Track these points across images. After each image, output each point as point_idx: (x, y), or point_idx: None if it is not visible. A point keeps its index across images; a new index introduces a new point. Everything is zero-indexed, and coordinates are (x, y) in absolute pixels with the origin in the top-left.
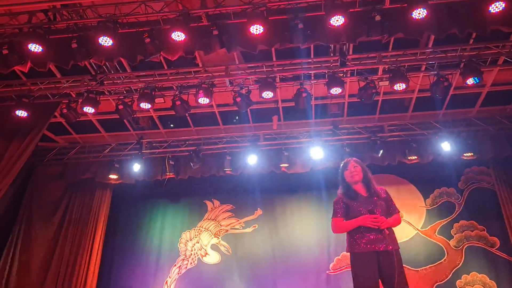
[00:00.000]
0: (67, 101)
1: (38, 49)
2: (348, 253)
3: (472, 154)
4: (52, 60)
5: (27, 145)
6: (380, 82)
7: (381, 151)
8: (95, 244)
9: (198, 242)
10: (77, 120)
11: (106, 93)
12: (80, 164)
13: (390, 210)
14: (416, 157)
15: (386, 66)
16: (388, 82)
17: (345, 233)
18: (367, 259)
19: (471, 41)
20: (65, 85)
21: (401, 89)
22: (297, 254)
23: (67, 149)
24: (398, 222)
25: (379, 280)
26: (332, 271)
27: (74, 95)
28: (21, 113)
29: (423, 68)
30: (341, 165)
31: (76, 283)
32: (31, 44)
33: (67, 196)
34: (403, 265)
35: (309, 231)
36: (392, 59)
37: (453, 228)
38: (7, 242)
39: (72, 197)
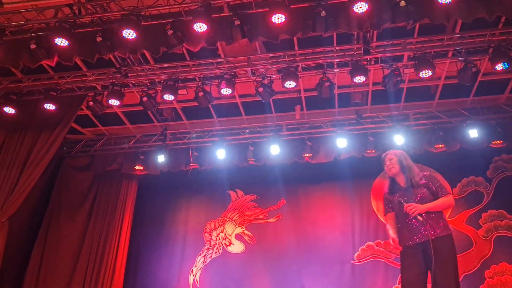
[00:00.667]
0: (93, 94)
1: (64, 43)
2: (373, 243)
3: (501, 142)
4: (78, 54)
5: (56, 137)
6: (405, 70)
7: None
8: (123, 234)
9: (222, 232)
10: (103, 113)
11: (130, 85)
12: (107, 156)
13: (438, 194)
14: (442, 146)
15: (412, 53)
16: (413, 69)
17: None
18: (406, 251)
19: (500, 25)
20: (90, 78)
21: (427, 76)
22: (321, 244)
23: (94, 141)
24: (444, 204)
25: (426, 272)
26: (357, 261)
27: (99, 88)
28: (49, 106)
29: (450, 54)
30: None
31: (104, 272)
32: (57, 38)
33: (95, 187)
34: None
35: (333, 221)
36: (417, 46)
37: (481, 217)
38: (38, 232)
39: (99, 188)
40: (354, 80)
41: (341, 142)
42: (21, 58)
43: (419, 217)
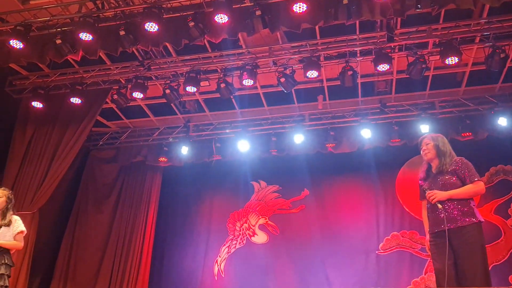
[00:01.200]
0: (117, 87)
1: (88, 38)
2: (398, 233)
3: None
4: (101, 48)
5: (82, 130)
6: (430, 57)
7: None
8: (148, 225)
9: (246, 223)
10: (127, 105)
11: (153, 78)
12: (131, 148)
13: (466, 180)
14: (470, 134)
15: (437, 40)
16: (439, 56)
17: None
18: (437, 239)
19: None
20: (114, 71)
21: (453, 63)
22: (346, 235)
23: (119, 134)
24: (469, 191)
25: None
26: (382, 251)
27: (123, 81)
28: (75, 100)
29: (477, 40)
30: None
31: (131, 262)
32: (82, 33)
33: (120, 178)
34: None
35: (357, 211)
36: (443, 32)
37: (510, 207)
38: (67, 223)
39: (125, 179)
40: (378, 68)
41: (365, 132)
42: (48, 53)
43: (438, 204)
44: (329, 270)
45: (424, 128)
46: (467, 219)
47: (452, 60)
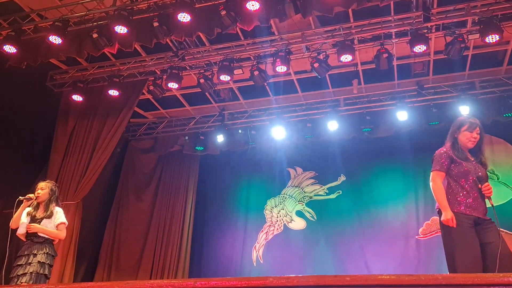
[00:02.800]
0: (153, 78)
1: (123, 31)
2: (438, 217)
3: None
4: (136, 40)
5: (121, 121)
6: (469, 36)
7: None
8: (187, 212)
9: (283, 209)
10: (163, 96)
11: (188, 68)
12: (169, 137)
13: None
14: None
15: (476, 18)
16: (478, 34)
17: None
18: (466, 222)
19: None
20: (150, 63)
21: (493, 41)
22: (384, 220)
23: (156, 124)
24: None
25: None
26: (422, 236)
27: (158, 72)
28: (113, 92)
29: None
30: (463, 122)
31: (172, 249)
32: (117, 26)
33: (159, 167)
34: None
35: (395, 196)
36: (482, 9)
37: None
38: (109, 212)
39: (163, 168)
40: (414, 49)
41: (402, 115)
42: (85, 47)
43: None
44: (368, 256)
45: (464, 109)
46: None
47: (492, 38)
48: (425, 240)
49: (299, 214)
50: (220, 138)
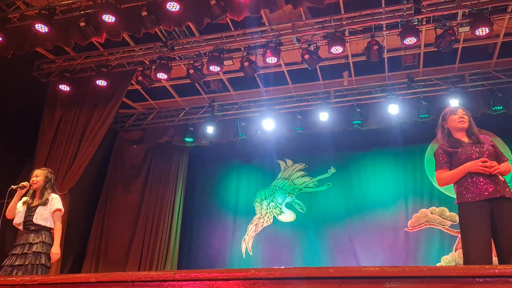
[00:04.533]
0: (142, 68)
1: (111, 20)
2: (427, 210)
3: None
4: (125, 29)
5: (109, 112)
6: (459, 28)
7: None
8: (176, 204)
9: (273, 201)
10: (152, 87)
11: (177, 58)
12: (158, 129)
13: (501, 157)
14: (502, 108)
15: (467, 10)
16: (468, 27)
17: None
18: (479, 210)
19: None
20: (138, 53)
21: (484, 34)
22: (373, 212)
23: (145, 115)
24: (509, 170)
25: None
26: (410, 228)
27: (147, 62)
28: (101, 83)
29: (509, 9)
30: (445, 112)
31: (160, 241)
32: (105, 15)
33: (148, 159)
34: None
35: (385, 188)
36: (473, 2)
37: None
38: (97, 204)
39: (152, 160)
40: (405, 42)
41: (392, 108)
42: (72, 36)
43: (501, 177)
44: (357, 248)
45: (454, 102)
46: (508, 192)
47: (482, 31)
48: (413, 232)
49: (289, 206)
50: (210, 130)
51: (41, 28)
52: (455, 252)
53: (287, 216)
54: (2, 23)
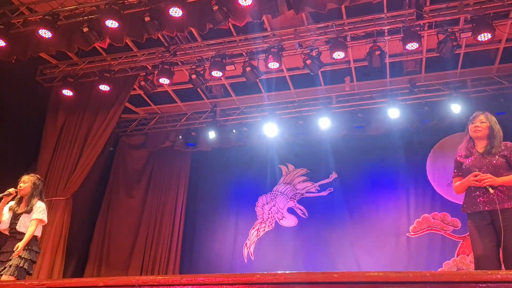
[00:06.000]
0: (144, 73)
1: (114, 25)
2: (429, 215)
3: None
4: (127, 35)
5: (112, 117)
6: (461, 34)
7: None
8: (178, 209)
9: (274, 206)
10: (154, 92)
11: (179, 63)
12: (160, 134)
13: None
14: (505, 113)
15: (469, 16)
16: (470, 33)
17: None
18: (480, 220)
19: None
20: (141, 58)
21: (486, 39)
22: (375, 217)
23: (147, 120)
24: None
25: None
26: (413, 233)
27: (150, 68)
28: (104, 88)
29: (511, 15)
30: (470, 118)
31: (162, 245)
32: (108, 20)
33: (150, 164)
34: None
35: (387, 194)
36: (475, 7)
37: None
38: (100, 208)
39: (154, 164)
40: (407, 47)
41: (394, 113)
42: (75, 42)
43: (490, 189)
44: (358, 253)
45: (456, 107)
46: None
47: (484, 37)
48: (415, 238)
49: (291, 211)
50: (211, 135)
51: (45, 33)
52: (457, 257)
53: (289, 221)
54: (6, 28)
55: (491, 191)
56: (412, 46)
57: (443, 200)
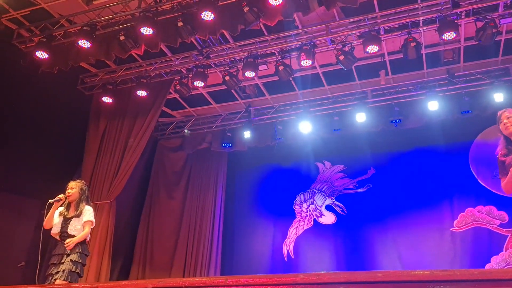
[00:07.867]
0: (179, 77)
1: (149, 32)
2: (474, 209)
3: None
4: (162, 40)
5: (150, 121)
6: (501, 20)
7: None
8: (217, 209)
9: (312, 204)
10: (189, 95)
11: (213, 66)
12: (197, 136)
13: None
14: None
15: (508, 1)
16: (511, 19)
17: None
18: None
19: None
20: (175, 62)
21: None
22: (417, 212)
23: (184, 123)
24: None
25: None
26: (457, 228)
27: (184, 71)
28: (141, 93)
29: None
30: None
31: (203, 245)
32: (143, 27)
33: (188, 165)
34: None
35: (428, 188)
36: None
37: None
38: (142, 210)
39: (192, 166)
40: (443, 37)
41: (433, 105)
42: (113, 50)
43: None
44: (401, 250)
45: (498, 96)
46: None
47: None
48: (460, 233)
49: (329, 208)
50: (247, 134)
51: (84, 43)
52: (505, 252)
53: (328, 218)
54: (48, 41)
55: None
56: (449, 35)
57: (488, 193)
